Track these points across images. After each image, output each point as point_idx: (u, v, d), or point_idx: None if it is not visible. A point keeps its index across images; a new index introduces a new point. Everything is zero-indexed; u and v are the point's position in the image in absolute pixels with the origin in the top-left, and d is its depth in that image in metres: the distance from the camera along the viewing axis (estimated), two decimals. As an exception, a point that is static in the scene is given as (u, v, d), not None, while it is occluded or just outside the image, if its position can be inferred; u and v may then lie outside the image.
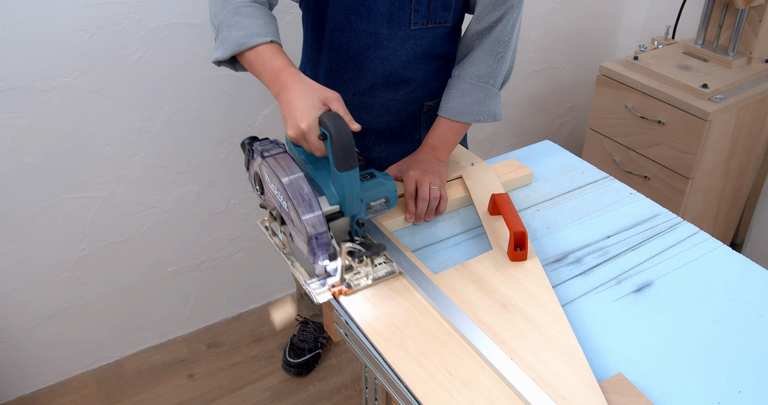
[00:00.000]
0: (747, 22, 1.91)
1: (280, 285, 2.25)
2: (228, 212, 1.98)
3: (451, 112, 1.27)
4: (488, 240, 1.15)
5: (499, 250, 1.11)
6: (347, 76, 1.30)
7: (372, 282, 1.04)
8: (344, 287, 1.03)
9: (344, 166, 0.96)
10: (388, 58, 1.26)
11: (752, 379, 0.91)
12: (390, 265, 1.07)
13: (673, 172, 1.95)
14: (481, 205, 1.22)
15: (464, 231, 1.20)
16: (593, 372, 0.91)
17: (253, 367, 2.03)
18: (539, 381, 0.88)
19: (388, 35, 1.23)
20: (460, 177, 1.31)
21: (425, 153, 1.28)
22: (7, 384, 1.88)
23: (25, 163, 1.60)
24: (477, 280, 1.05)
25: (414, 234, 1.20)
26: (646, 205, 1.27)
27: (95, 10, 1.49)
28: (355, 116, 1.31)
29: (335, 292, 1.03)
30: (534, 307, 0.99)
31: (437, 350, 0.93)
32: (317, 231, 0.95)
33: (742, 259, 1.13)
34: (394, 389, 1.04)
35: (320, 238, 0.95)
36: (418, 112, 1.38)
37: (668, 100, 1.88)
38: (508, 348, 0.93)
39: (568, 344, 0.93)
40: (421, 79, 1.32)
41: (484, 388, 0.87)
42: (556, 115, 2.56)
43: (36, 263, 1.75)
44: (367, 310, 0.99)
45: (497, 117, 1.30)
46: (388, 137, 1.40)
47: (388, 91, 1.32)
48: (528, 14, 2.20)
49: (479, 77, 1.26)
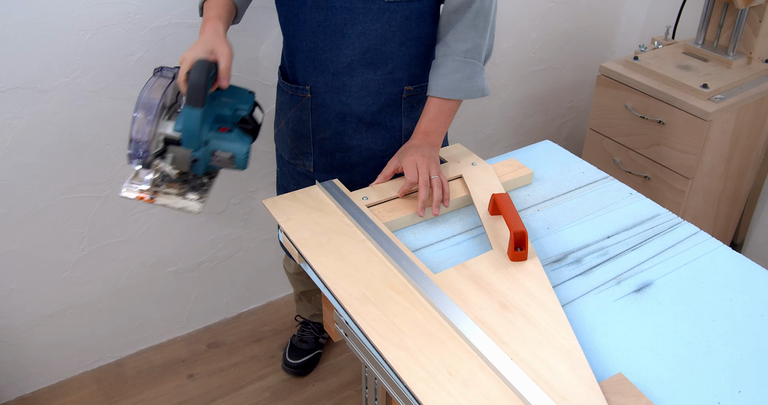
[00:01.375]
0: (747, 22, 1.91)
1: (280, 285, 2.25)
2: (228, 212, 1.98)
3: (441, 90, 1.28)
4: (488, 240, 1.15)
5: (500, 250, 1.11)
6: (325, 56, 1.31)
7: (165, 207, 1.18)
8: (147, 197, 1.17)
9: (188, 101, 1.13)
10: (364, 33, 1.27)
11: (752, 379, 0.91)
12: (198, 205, 1.19)
13: (673, 172, 1.95)
14: (482, 205, 1.22)
15: (464, 231, 1.20)
16: (593, 372, 0.91)
17: (253, 367, 2.03)
18: (539, 381, 0.88)
19: (363, 9, 1.25)
20: (460, 177, 1.31)
21: (419, 140, 1.29)
22: (7, 384, 1.88)
23: (25, 163, 1.60)
24: (477, 280, 1.05)
25: (414, 234, 1.20)
26: (646, 205, 1.27)
27: (95, 10, 1.49)
28: (335, 99, 1.35)
29: (140, 197, 1.18)
30: (534, 307, 0.99)
31: (437, 350, 0.93)
32: (138, 136, 1.14)
33: (742, 259, 1.13)
34: (394, 389, 1.04)
35: (139, 145, 1.15)
36: (398, 97, 1.38)
37: (668, 100, 1.88)
38: (508, 348, 0.93)
39: (568, 344, 0.93)
40: (401, 61, 1.33)
41: (484, 388, 0.87)
42: (556, 115, 2.56)
43: (36, 263, 1.75)
44: (367, 310, 0.99)
45: (485, 92, 1.32)
46: (368, 124, 1.40)
47: (366, 70, 1.32)
48: (528, 14, 2.20)
49: (466, 53, 1.28)
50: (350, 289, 1.03)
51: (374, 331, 0.96)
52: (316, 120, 1.40)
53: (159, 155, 1.19)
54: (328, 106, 1.37)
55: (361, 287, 1.03)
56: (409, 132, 1.43)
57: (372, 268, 1.07)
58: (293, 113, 1.43)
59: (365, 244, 1.12)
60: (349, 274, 1.06)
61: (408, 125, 1.42)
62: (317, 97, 1.37)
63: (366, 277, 1.05)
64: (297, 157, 1.48)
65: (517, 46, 2.23)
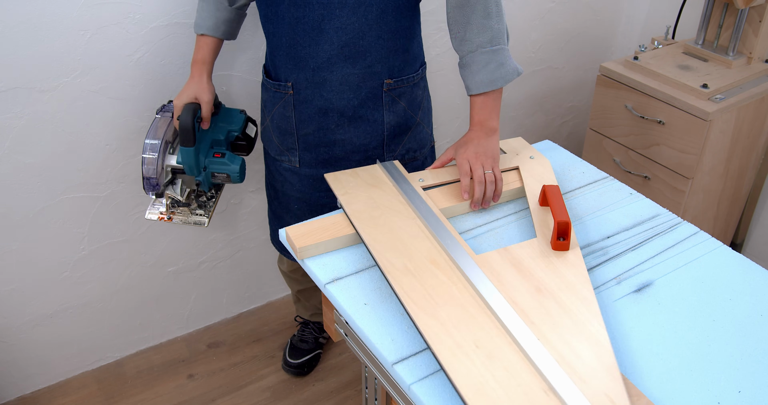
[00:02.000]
0: (747, 22, 1.91)
1: (280, 285, 2.25)
2: (228, 212, 1.98)
3: (481, 85, 1.29)
4: (534, 228, 1.16)
5: (543, 238, 1.13)
6: (305, 51, 1.32)
7: (182, 223, 1.54)
8: (166, 218, 1.52)
9: (181, 142, 1.40)
10: (341, 27, 1.29)
11: (752, 379, 0.91)
12: (205, 219, 1.54)
13: (673, 172, 1.95)
14: (533, 196, 1.24)
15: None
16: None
17: (253, 367, 2.03)
18: (561, 362, 0.89)
19: (339, 4, 1.26)
20: (516, 168, 1.33)
21: (475, 131, 1.30)
22: (7, 384, 1.88)
23: (25, 163, 1.60)
24: (517, 263, 1.07)
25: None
26: (646, 205, 1.27)
27: (95, 10, 1.49)
28: (316, 94, 1.38)
29: (161, 217, 1.52)
30: (568, 294, 1.01)
31: (468, 323, 0.95)
32: (148, 174, 1.42)
33: (742, 259, 1.13)
34: (394, 389, 1.04)
35: (150, 180, 1.43)
36: (378, 90, 1.39)
37: (668, 100, 1.88)
38: (536, 328, 0.95)
39: (596, 332, 0.94)
40: (379, 54, 1.34)
41: (507, 362, 0.89)
42: (556, 115, 2.56)
43: (36, 263, 1.75)
44: (407, 281, 1.03)
45: (519, 70, 1.32)
46: (350, 118, 1.41)
47: (345, 65, 1.33)
48: (528, 14, 2.20)
49: (491, 41, 1.28)
50: (394, 260, 1.06)
51: (410, 300, 0.99)
52: (299, 116, 1.42)
53: (170, 183, 1.48)
54: (310, 102, 1.39)
55: (404, 259, 1.07)
56: (392, 125, 1.44)
57: (418, 243, 1.11)
58: (277, 110, 1.45)
59: (415, 222, 1.16)
60: (394, 247, 1.10)
61: (390, 118, 1.43)
62: (299, 93, 1.39)
63: (410, 251, 1.09)
64: (282, 154, 1.50)
65: (517, 46, 2.23)
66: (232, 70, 1.75)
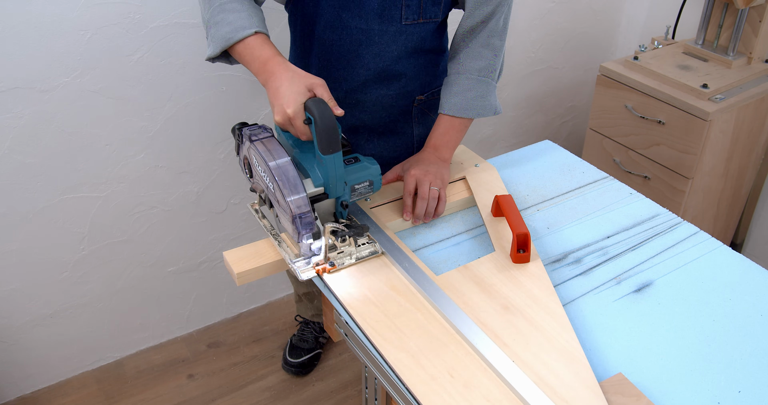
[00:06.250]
0: (747, 22, 1.91)
1: (280, 285, 2.25)
2: (228, 212, 1.98)
3: (454, 108, 1.27)
4: (491, 241, 1.15)
5: (502, 251, 1.11)
6: (339, 74, 1.30)
7: (355, 261, 1.08)
8: (328, 265, 1.07)
9: (328, 150, 1.01)
10: (379, 54, 1.26)
11: (752, 379, 0.91)
12: (373, 245, 1.10)
13: (673, 172, 1.95)
14: (485, 207, 1.22)
15: (466, 231, 1.20)
16: (593, 372, 0.91)
17: (253, 367, 2.03)
18: (540, 383, 0.88)
19: (379, 31, 1.23)
20: (463, 178, 1.31)
21: (428, 153, 1.28)
22: (7, 384, 1.88)
23: (25, 163, 1.60)
24: (479, 281, 1.05)
25: (414, 234, 1.20)
26: (646, 205, 1.27)
27: (95, 10, 1.49)
28: (348, 114, 1.31)
29: (319, 270, 1.06)
30: (536, 309, 0.99)
31: (439, 352, 0.93)
32: (301, 211, 1.00)
33: (742, 259, 1.13)
34: (394, 389, 1.04)
35: (304, 217, 1.01)
36: (409, 106, 1.38)
37: (668, 100, 1.88)
38: (509, 350, 0.93)
39: (570, 346, 0.93)
40: (412, 73, 1.33)
41: (486, 390, 0.87)
42: (556, 115, 2.56)
43: (36, 263, 1.75)
44: (368, 311, 0.99)
45: (498, 110, 1.31)
46: (380, 133, 1.40)
47: (380, 87, 1.32)
48: (528, 14, 2.20)
49: (479, 71, 1.27)
50: (351, 290, 1.03)
51: (375, 333, 0.96)
52: None
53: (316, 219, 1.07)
54: (341, 121, 1.36)
55: (363, 288, 1.03)
56: (421, 137, 1.43)
57: (374, 268, 1.07)
58: None
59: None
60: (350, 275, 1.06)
61: (420, 131, 1.42)
62: None
63: (367, 278, 1.05)
64: None
65: (517, 46, 2.23)
66: (232, 70, 1.75)
